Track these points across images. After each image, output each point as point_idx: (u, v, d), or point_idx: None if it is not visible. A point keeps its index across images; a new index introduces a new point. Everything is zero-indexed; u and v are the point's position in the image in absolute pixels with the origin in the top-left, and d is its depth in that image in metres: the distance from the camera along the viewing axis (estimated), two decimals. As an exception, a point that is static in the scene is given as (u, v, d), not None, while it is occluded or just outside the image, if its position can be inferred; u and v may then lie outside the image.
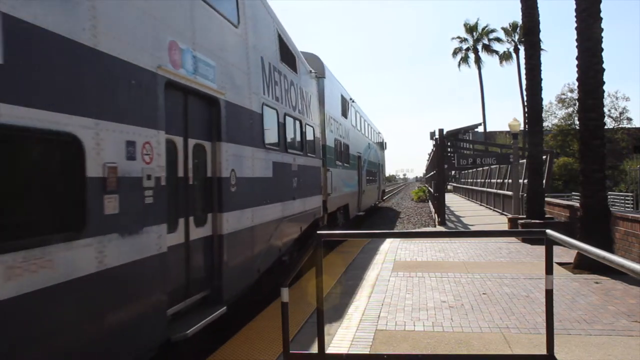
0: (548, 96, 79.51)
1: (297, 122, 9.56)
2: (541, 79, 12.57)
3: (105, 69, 3.76)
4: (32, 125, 3.01)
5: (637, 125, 45.14)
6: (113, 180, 3.75)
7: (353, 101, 18.61)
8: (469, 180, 36.49)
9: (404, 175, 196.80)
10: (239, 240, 6.20)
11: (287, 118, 8.74)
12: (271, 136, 7.76)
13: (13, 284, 2.82)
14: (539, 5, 12.53)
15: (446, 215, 18.75)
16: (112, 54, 3.83)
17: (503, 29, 52.49)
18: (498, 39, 52.97)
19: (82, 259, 3.40)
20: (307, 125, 10.25)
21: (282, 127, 8.36)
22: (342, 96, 16.16)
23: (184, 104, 5.10)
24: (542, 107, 13.34)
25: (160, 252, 4.37)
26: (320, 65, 13.13)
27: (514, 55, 51.61)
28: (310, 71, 11.33)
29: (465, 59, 54.49)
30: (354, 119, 19.12)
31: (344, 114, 16.58)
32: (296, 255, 9.06)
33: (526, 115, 13.56)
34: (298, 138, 9.62)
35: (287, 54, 9.04)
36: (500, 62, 53.09)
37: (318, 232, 4.29)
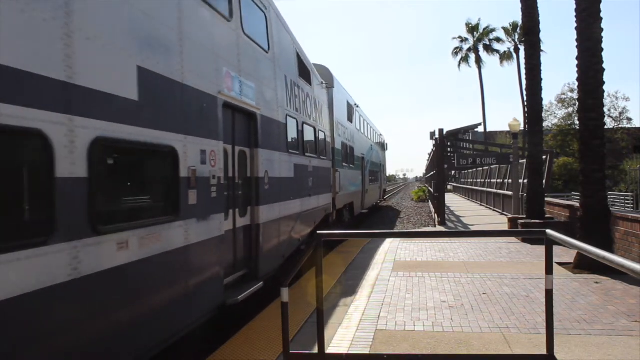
0: (548, 96, 79.55)
1: (312, 129, 10.82)
2: (541, 79, 12.57)
3: (189, 97, 5.01)
4: (151, 142, 4.32)
5: (637, 125, 45.14)
6: (193, 179, 5.04)
7: (357, 106, 19.91)
8: (469, 180, 36.50)
9: (404, 175, 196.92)
10: (270, 230, 7.49)
11: (305, 126, 10.02)
12: (292, 142, 9.00)
13: (145, 249, 4.14)
14: (539, 5, 12.54)
15: (446, 215, 18.75)
16: (192, 85, 5.08)
17: (503, 28, 52.53)
18: (498, 39, 53.01)
19: (176, 236, 4.68)
20: (319, 131, 11.57)
21: (300, 134, 9.65)
22: (347, 102, 17.49)
23: (232, 119, 6.37)
24: (542, 107, 13.34)
25: (220, 234, 5.68)
26: (330, 76, 14.40)
27: (514, 55, 51.67)
28: (322, 82, 12.66)
29: (465, 59, 54.53)
30: (358, 122, 20.34)
31: (350, 118, 17.83)
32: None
33: (526, 115, 13.56)
34: (313, 143, 10.89)
35: (303, 70, 10.37)
36: (501, 62, 53.13)
37: (318, 232, 4.30)
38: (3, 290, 2.79)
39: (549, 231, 3.92)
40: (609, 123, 41.02)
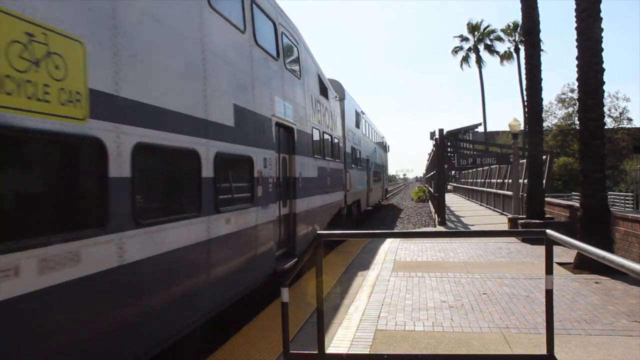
0: (548, 96, 79.51)
1: (330, 137, 12.77)
2: (541, 79, 12.57)
3: (257, 121, 6.96)
4: (240, 153, 6.26)
5: (637, 125, 45.13)
6: (260, 179, 6.94)
7: (363, 113, 22.23)
8: (469, 180, 36.49)
9: (404, 175, 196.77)
10: (302, 218, 9.37)
11: (324, 134, 11.96)
12: (316, 148, 10.90)
13: (229, 226, 5.79)
14: (539, 5, 12.55)
15: (446, 215, 18.75)
16: (258, 112, 7.01)
17: (502, 30, 52.48)
18: (499, 39, 52.97)
19: (251, 217, 6.52)
20: (334, 138, 13.56)
21: (321, 142, 11.56)
22: (355, 111, 19.69)
23: (278, 133, 8.06)
24: (542, 107, 13.34)
25: (274, 219, 7.57)
26: (342, 89, 16.52)
27: (514, 55, 51.65)
28: (336, 96, 14.67)
29: (466, 59, 54.50)
30: (364, 128, 22.59)
31: (357, 125, 19.99)
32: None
33: (526, 115, 13.56)
34: (329, 148, 12.72)
35: (323, 88, 12.36)
36: (501, 61, 53.12)
37: (318, 232, 4.30)
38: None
39: (549, 231, 3.92)
40: (609, 123, 41.04)
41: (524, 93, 13.51)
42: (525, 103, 13.29)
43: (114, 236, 3.65)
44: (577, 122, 10.53)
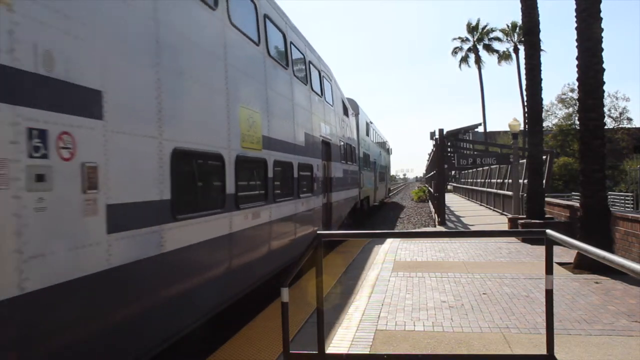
0: (548, 96, 79.48)
1: (349, 146, 16.10)
2: (541, 79, 12.57)
3: (315, 141, 10.36)
4: (307, 163, 9.55)
5: (637, 125, 45.15)
6: (316, 178, 10.22)
7: (371, 122, 26.14)
8: (469, 180, 36.49)
9: (404, 175, 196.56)
10: (335, 206, 12.73)
11: (346, 144, 15.29)
12: (341, 155, 14.18)
13: (304, 207, 9.20)
14: (539, 5, 12.55)
15: (446, 215, 18.75)
16: (315, 135, 10.38)
17: (501, 30, 52.49)
18: (499, 39, 52.99)
19: (311, 203, 9.78)
20: (352, 146, 16.88)
21: (344, 150, 14.88)
22: (366, 122, 23.52)
23: (322, 147, 11.17)
24: (542, 107, 13.34)
25: (322, 205, 10.92)
26: (356, 105, 20.42)
27: (513, 55, 51.65)
28: (353, 113, 18.46)
29: (465, 59, 54.50)
30: (372, 135, 26.46)
31: (367, 133, 23.68)
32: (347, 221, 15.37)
33: (526, 115, 13.56)
34: (349, 154, 16.09)
35: (345, 109, 16.00)
36: (499, 61, 53.12)
37: (318, 232, 4.30)
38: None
39: (549, 231, 3.92)
40: (609, 123, 41.06)
41: (524, 93, 13.51)
42: (525, 103, 13.29)
43: (271, 205, 7.24)
44: (577, 122, 10.51)
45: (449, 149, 20.57)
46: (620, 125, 42.72)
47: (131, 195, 3.84)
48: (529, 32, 12.85)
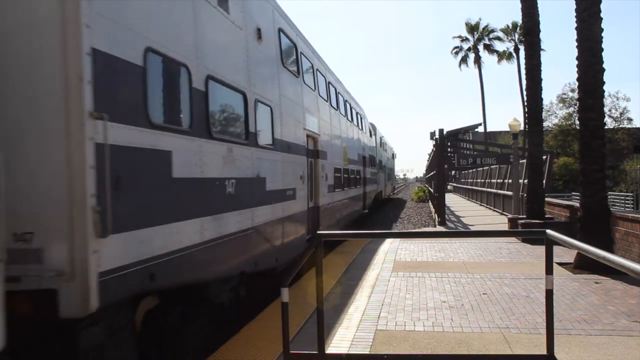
0: (548, 96, 79.33)
1: (372, 156, 23.93)
2: (541, 79, 12.57)
3: (361, 156, 19.28)
4: (358, 169, 18.11)
5: (638, 125, 45.11)
6: (362, 178, 19.08)
7: (383, 136, 34.35)
8: (469, 180, 36.48)
9: (404, 175, 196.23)
10: (368, 195, 20.75)
11: (370, 156, 22.82)
12: (372, 162, 23.31)
13: (355, 193, 17.22)
14: (539, 5, 12.55)
15: (446, 215, 18.75)
16: (361, 153, 19.33)
17: (502, 30, 52.47)
18: (499, 38, 52.99)
19: (357, 191, 17.47)
20: (373, 156, 24.68)
21: (370, 159, 22.30)
22: (380, 138, 31.49)
23: (363, 159, 20.08)
24: (542, 107, 13.34)
25: (362, 192, 19.11)
26: (375, 127, 27.43)
27: (514, 54, 51.63)
28: (373, 133, 26.08)
29: (464, 59, 54.49)
30: (383, 145, 34.32)
31: (381, 145, 31.33)
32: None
33: (526, 115, 13.55)
34: (374, 162, 24.99)
35: (370, 132, 24.16)
36: (499, 61, 53.11)
37: (318, 232, 4.30)
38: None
39: (549, 231, 3.92)
40: (610, 123, 41.01)
41: (524, 93, 13.50)
42: (525, 103, 13.28)
43: (360, 186, 18.02)
44: (578, 122, 10.51)
45: (449, 149, 20.57)
46: (620, 125, 42.68)
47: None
48: (529, 32, 12.84)
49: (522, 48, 43.04)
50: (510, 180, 17.71)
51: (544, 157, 14.66)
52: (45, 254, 3.42)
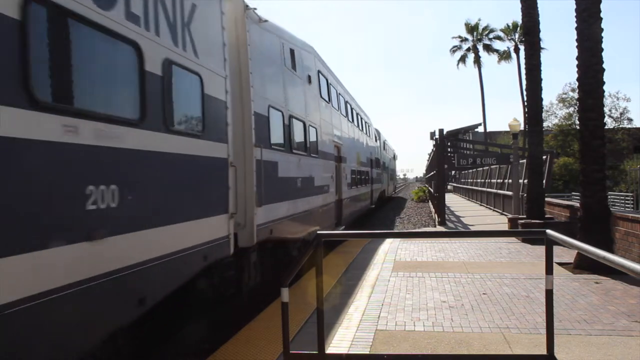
0: (548, 96, 79.33)
1: (377, 159, 26.82)
2: (541, 79, 12.57)
3: (369, 159, 22.90)
4: (366, 170, 21.71)
5: (638, 126, 45.09)
6: (369, 177, 22.25)
7: (386, 140, 37.68)
8: (469, 180, 36.48)
9: (404, 175, 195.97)
10: (375, 192, 24.91)
11: (376, 158, 25.84)
12: (375, 164, 25.33)
13: (364, 190, 20.56)
14: (539, 5, 12.55)
15: (446, 215, 18.75)
16: (369, 157, 22.87)
17: (502, 30, 52.44)
18: (499, 38, 52.96)
19: (366, 188, 20.94)
20: (378, 159, 27.72)
21: (376, 161, 25.57)
22: (384, 142, 35.06)
23: (376, 163, 26.57)
24: (542, 107, 13.34)
25: (370, 189, 22.39)
26: (379, 132, 31.18)
27: (513, 54, 51.63)
28: (377, 138, 29.21)
29: (463, 59, 54.47)
30: (386, 149, 37.38)
31: (384, 148, 34.81)
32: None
33: (526, 115, 13.55)
34: (378, 163, 27.60)
35: (375, 137, 27.75)
36: (499, 61, 53.11)
37: (318, 232, 4.30)
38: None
39: (549, 231, 3.92)
40: (610, 123, 40.99)
41: (524, 93, 13.50)
42: (525, 103, 13.28)
43: (368, 185, 21.91)
44: (578, 122, 10.51)
45: (449, 149, 20.57)
46: (620, 126, 42.67)
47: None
48: (528, 32, 12.84)
49: (522, 48, 43.01)
50: (510, 180, 17.71)
51: (544, 157, 14.66)
52: (235, 217, 6.27)
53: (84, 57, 3.69)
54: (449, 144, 20.43)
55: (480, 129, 44.12)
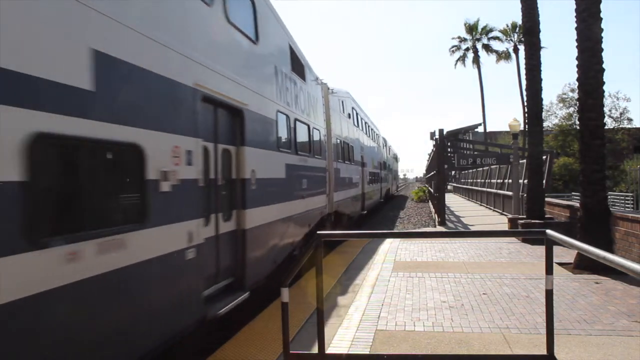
0: (548, 96, 79.31)
1: (384, 161, 33.38)
2: (541, 79, 12.56)
3: (380, 162, 30.20)
4: (377, 172, 28.14)
5: (638, 126, 45.08)
6: (380, 177, 29.44)
7: (391, 146, 44.04)
8: (469, 180, 36.49)
9: (404, 175, 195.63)
10: (383, 189, 32.82)
11: (383, 161, 32.72)
12: (383, 166, 31.75)
13: (377, 187, 28.29)
14: (539, 5, 12.54)
15: (446, 215, 18.75)
16: (379, 160, 30.33)
17: (501, 31, 52.40)
18: (499, 38, 52.93)
19: (378, 186, 28.72)
20: (385, 162, 34.15)
21: (384, 164, 32.73)
22: (389, 146, 41.67)
23: (380, 165, 30.56)
24: (542, 107, 13.34)
25: (380, 188, 30.01)
26: (386, 139, 37.96)
27: (512, 54, 51.59)
28: (385, 144, 36.38)
29: (462, 59, 54.44)
30: (390, 152, 42.81)
31: (389, 152, 39.86)
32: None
33: (526, 115, 13.55)
34: (385, 165, 34.14)
35: (383, 143, 34.93)
36: (497, 60, 53.10)
37: (318, 232, 4.30)
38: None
39: (549, 231, 3.92)
40: (610, 123, 40.95)
41: (524, 93, 13.50)
42: (525, 103, 13.28)
43: (380, 183, 29.37)
44: (578, 122, 10.51)
45: (449, 149, 20.56)
46: (620, 126, 42.66)
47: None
48: (528, 32, 12.84)
49: (521, 48, 43.01)
50: (510, 181, 17.71)
51: (544, 157, 14.66)
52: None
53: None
54: (449, 144, 20.41)
55: (480, 129, 44.15)
